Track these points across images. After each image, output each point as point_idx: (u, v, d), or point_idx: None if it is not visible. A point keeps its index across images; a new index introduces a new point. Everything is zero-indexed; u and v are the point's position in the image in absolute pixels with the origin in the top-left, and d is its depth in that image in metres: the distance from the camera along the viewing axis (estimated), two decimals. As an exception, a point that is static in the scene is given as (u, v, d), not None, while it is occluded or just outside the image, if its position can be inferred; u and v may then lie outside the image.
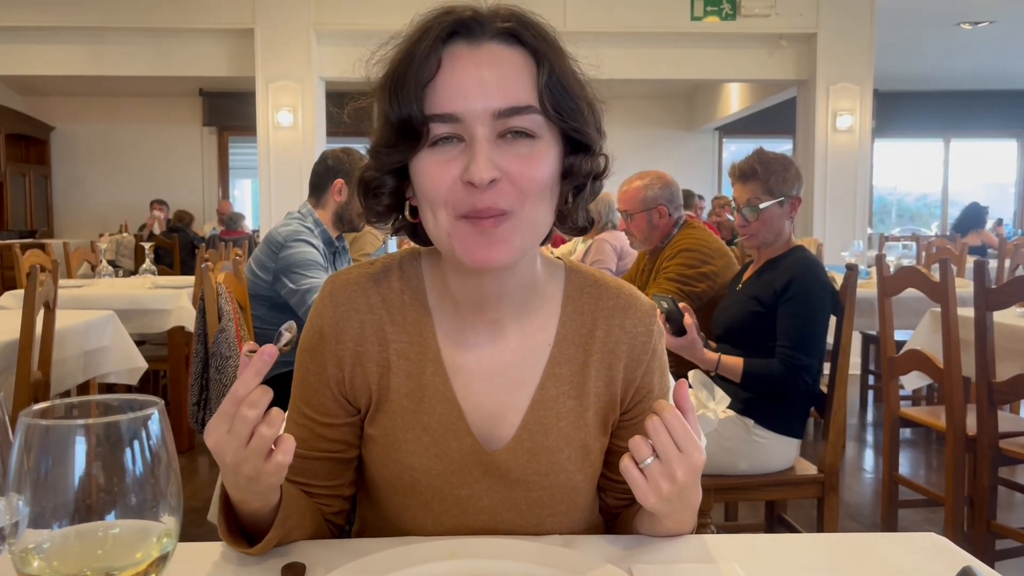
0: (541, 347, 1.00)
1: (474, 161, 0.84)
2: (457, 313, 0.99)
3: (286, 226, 2.96)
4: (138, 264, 7.45)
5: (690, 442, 0.85)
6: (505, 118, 0.85)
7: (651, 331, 1.03)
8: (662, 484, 0.84)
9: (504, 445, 0.98)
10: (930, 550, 0.95)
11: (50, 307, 2.74)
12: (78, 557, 0.56)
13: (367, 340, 0.98)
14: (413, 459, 0.97)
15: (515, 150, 0.86)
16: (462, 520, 0.99)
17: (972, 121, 11.23)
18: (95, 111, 10.75)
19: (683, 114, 11.28)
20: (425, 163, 0.87)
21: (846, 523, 3.35)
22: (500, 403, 0.98)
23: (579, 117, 0.90)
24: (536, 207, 0.88)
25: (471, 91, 0.85)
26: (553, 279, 1.03)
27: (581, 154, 0.91)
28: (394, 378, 0.98)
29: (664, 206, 3.02)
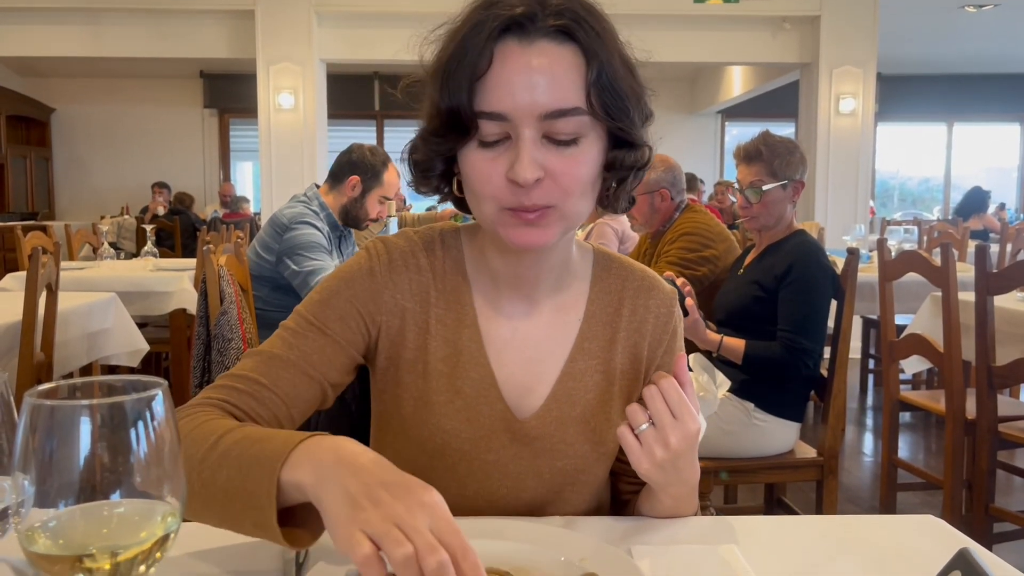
0: (571, 323, 1.04)
1: (519, 162, 0.86)
2: (494, 286, 1.02)
3: (291, 208, 2.96)
4: (140, 246, 7.46)
5: (685, 410, 0.87)
6: (552, 120, 0.86)
7: (672, 313, 1.08)
8: (656, 450, 0.87)
9: (533, 413, 1.01)
10: (928, 532, 0.96)
11: (52, 289, 2.75)
12: (83, 535, 0.56)
13: (414, 298, 1.01)
14: (445, 421, 1.00)
15: (559, 151, 0.88)
16: (486, 485, 1.01)
17: (975, 105, 11.19)
18: (95, 92, 10.72)
19: (685, 97, 11.24)
20: (473, 158, 0.89)
21: (845, 506, 3.36)
22: (531, 374, 1.02)
23: (625, 115, 0.90)
24: (579, 201, 0.91)
25: (520, 91, 0.85)
26: (583, 260, 1.07)
27: (625, 149, 0.93)
28: (432, 342, 1.01)
29: (666, 189, 3.02)
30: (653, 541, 0.92)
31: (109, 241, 5.64)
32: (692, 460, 0.92)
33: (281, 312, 2.91)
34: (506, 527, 0.90)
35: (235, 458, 0.79)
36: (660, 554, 0.87)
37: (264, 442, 0.79)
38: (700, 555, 0.87)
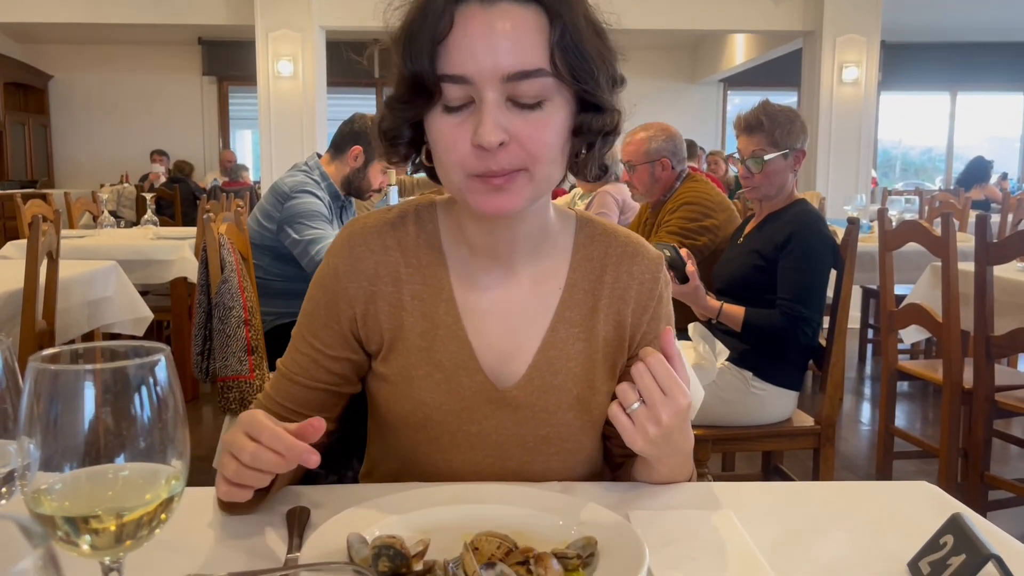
0: (552, 291, 1.03)
1: (482, 125, 0.85)
2: (471, 257, 1.02)
3: (292, 177, 2.96)
4: (140, 215, 7.44)
5: (674, 385, 0.87)
6: (515, 81, 0.85)
7: (657, 278, 1.06)
8: (648, 427, 0.88)
9: (514, 383, 1.01)
10: (922, 498, 0.97)
11: (53, 257, 2.75)
12: (89, 498, 0.57)
13: (381, 280, 1.02)
14: (426, 395, 1.01)
15: (524, 114, 0.87)
16: (471, 456, 1.02)
17: (979, 74, 11.10)
18: (93, 59, 10.64)
19: (687, 65, 11.15)
20: (438, 123, 0.89)
21: (841, 474, 3.39)
22: (511, 343, 1.02)
23: (591, 77, 0.89)
24: (547, 166, 0.90)
25: (481, 53, 0.85)
26: (565, 228, 1.06)
27: (592, 112, 0.91)
28: (407, 318, 1.01)
29: (667, 158, 3.01)
30: (650, 507, 0.93)
31: (109, 209, 5.62)
32: (685, 431, 0.93)
33: (282, 281, 2.91)
34: (504, 492, 0.91)
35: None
36: (657, 519, 0.88)
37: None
38: (697, 520, 0.88)
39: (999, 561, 0.71)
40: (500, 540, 0.76)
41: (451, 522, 0.85)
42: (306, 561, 0.74)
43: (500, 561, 0.73)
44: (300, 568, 0.72)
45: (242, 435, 0.81)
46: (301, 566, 0.73)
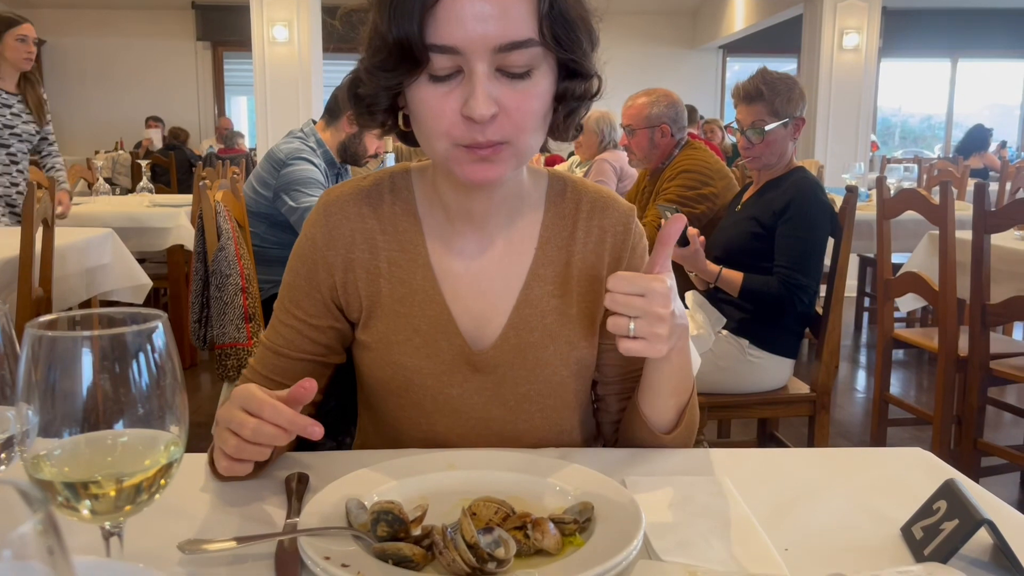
0: (526, 251, 1.04)
1: (474, 98, 0.84)
2: (447, 222, 1.03)
3: (288, 144, 2.94)
4: (135, 182, 7.41)
5: (644, 282, 0.86)
6: (504, 52, 0.84)
7: (629, 229, 1.07)
8: (657, 330, 0.87)
9: (491, 344, 1.02)
10: (916, 464, 0.98)
11: (49, 224, 2.74)
12: (88, 463, 0.57)
13: (358, 248, 1.02)
14: (406, 359, 1.02)
15: (512, 84, 0.86)
16: (454, 418, 1.03)
17: (981, 40, 11.01)
18: (86, 24, 10.52)
19: (686, 31, 11.04)
20: (423, 93, 0.87)
21: (836, 441, 3.42)
22: (487, 305, 1.03)
23: (577, 46, 0.89)
24: (530, 136, 0.90)
25: (471, 23, 0.83)
26: (537, 187, 1.07)
27: (576, 79, 0.91)
28: (385, 284, 1.02)
29: (667, 125, 2.99)
30: (647, 472, 0.94)
31: (104, 177, 5.59)
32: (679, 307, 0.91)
33: (278, 248, 2.91)
34: (502, 458, 0.91)
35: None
36: (653, 485, 0.89)
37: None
38: (692, 486, 0.89)
39: (991, 526, 0.72)
40: (498, 505, 0.77)
41: (449, 488, 0.85)
42: (305, 526, 0.74)
43: (498, 526, 0.74)
44: (299, 533, 0.73)
45: (240, 411, 0.81)
46: (300, 531, 0.73)
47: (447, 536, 0.70)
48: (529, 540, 0.73)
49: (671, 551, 0.75)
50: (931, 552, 0.73)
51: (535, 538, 0.73)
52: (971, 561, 0.74)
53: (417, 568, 0.70)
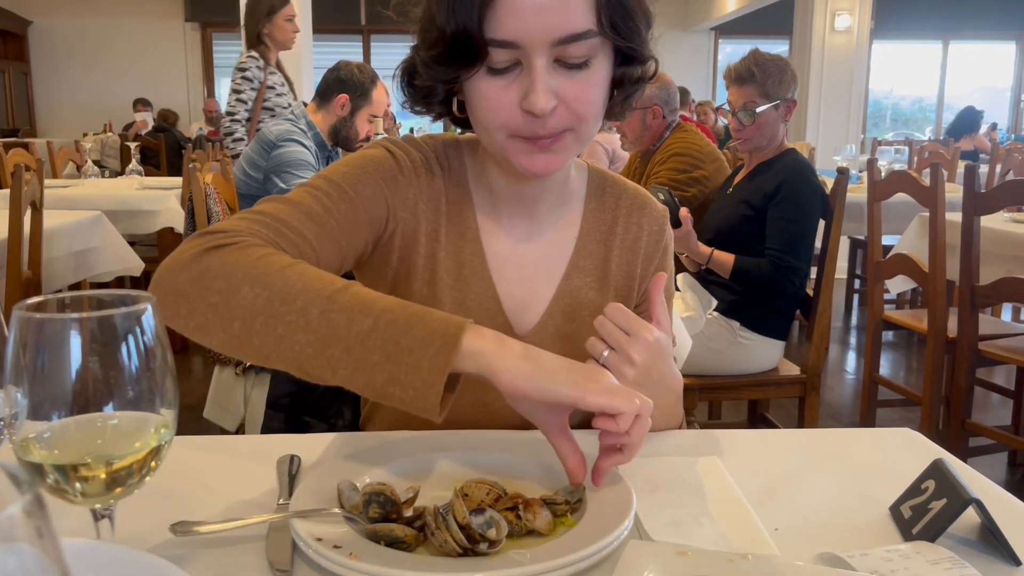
0: (567, 241, 1.05)
1: (534, 92, 0.84)
2: (495, 204, 1.03)
3: (278, 125, 2.92)
4: (124, 164, 7.36)
5: (635, 324, 0.89)
6: (564, 45, 0.84)
7: (663, 231, 1.09)
8: (625, 371, 0.89)
9: (531, 328, 1.03)
10: (904, 444, 0.99)
11: (37, 207, 2.72)
12: (78, 446, 0.57)
13: (429, 204, 1.01)
14: None
15: (571, 74, 0.86)
16: (483, 396, 1.01)
17: (972, 22, 11.01)
18: (73, 4, 10.41)
19: (677, 12, 10.99)
20: (482, 86, 0.87)
21: (826, 422, 3.44)
22: (529, 291, 1.04)
23: (636, 34, 0.89)
24: (593, 123, 0.91)
25: (530, 17, 0.83)
26: (579, 178, 1.08)
27: (634, 64, 0.92)
28: (440, 251, 1.01)
29: (659, 107, 2.99)
30: (639, 453, 0.94)
31: (93, 159, 5.55)
32: (667, 368, 0.93)
33: (269, 231, 2.89)
34: (494, 440, 0.92)
35: (382, 311, 0.75)
36: (644, 466, 0.89)
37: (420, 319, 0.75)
38: (683, 467, 0.90)
39: (979, 505, 0.72)
40: (489, 487, 0.77)
41: (441, 469, 0.85)
42: (297, 508, 0.74)
43: (490, 507, 0.74)
44: (291, 515, 0.73)
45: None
46: (292, 513, 0.73)
47: (439, 517, 0.71)
48: (521, 521, 0.73)
49: (662, 531, 0.75)
50: (919, 531, 0.74)
51: (527, 519, 0.73)
52: (959, 540, 0.74)
53: (409, 549, 0.70)
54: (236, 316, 0.77)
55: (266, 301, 0.76)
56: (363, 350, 0.73)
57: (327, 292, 0.76)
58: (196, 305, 0.79)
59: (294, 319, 0.75)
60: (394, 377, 0.72)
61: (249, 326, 0.76)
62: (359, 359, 0.73)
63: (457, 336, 0.72)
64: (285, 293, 0.76)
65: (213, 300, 0.78)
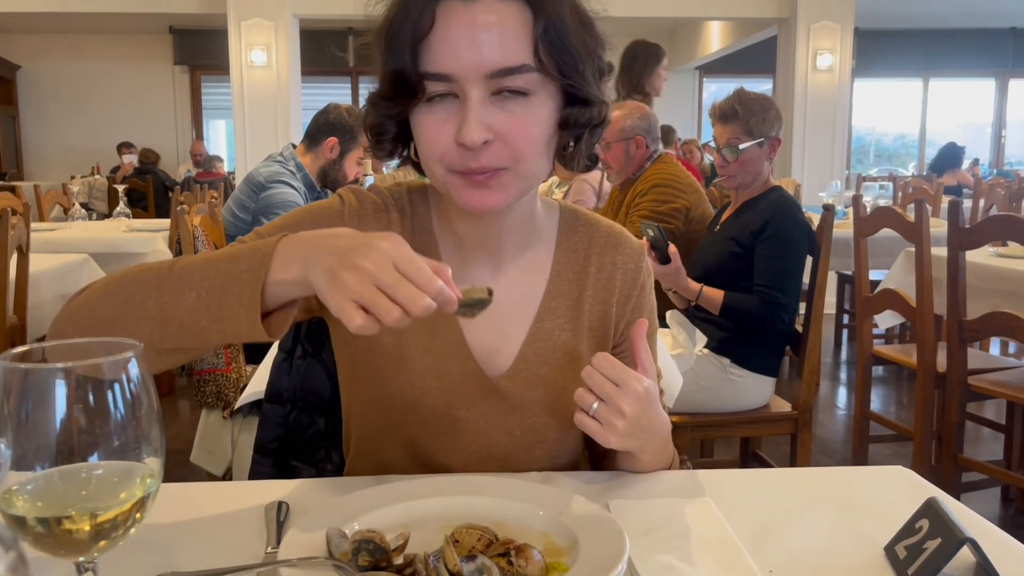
0: (537, 282, 1.03)
1: (466, 124, 0.84)
2: (459, 248, 1.01)
3: (267, 167, 2.93)
4: (112, 207, 7.35)
5: (623, 374, 0.88)
6: (499, 78, 0.84)
7: (640, 268, 1.07)
8: (615, 422, 0.88)
9: (502, 373, 1.01)
10: (898, 483, 0.98)
11: (23, 251, 2.71)
12: (62, 497, 0.56)
13: None
14: (416, 378, 1.00)
15: (509, 109, 0.86)
16: (456, 441, 1.02)
17: (951, 60, 11.20)
18: (62, 49, 10.47)
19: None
20: (421, 120, 0.88)
21: (819, 458, 3.43)
22: (499, 335, 1.02)
23: (576, 71, 0.88)
24: (533, 162, 0.89)
25: (464, 50, 0.83)
26: (549, 217, 1.06)
27: (579, 106, 0.90)
28: None
29: (641, 136, 3.02)
30: (630, 496, 0.93)
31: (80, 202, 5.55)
32: (656, 414, 0.93)
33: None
34: (484, 483, 0.91)
35: (200, 280, 0.82)
36: (637, 508, 0.88)
37: (231, 261, 0.81)
38: (676, 508, 0.89)
39: (974, 544, 0.72)
40: (480, 532, 0.76)
41: (431, 515, 0.84)
42: (285, 557, 0.73)
43: (481, 553, 0.73)
44: (279, 564, 0.72)
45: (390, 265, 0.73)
46: (280, 562, 0.72)
47: (429, 565, 0.70)
48: (513, 567, 0.72)
49: (655, 575, 0.74)
50: (915, 572, 0.73)
51: (519, 565, 0.72)
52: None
53: (399, 598, 0.69)
54: (101, 331, 0.84)
55: (115, 308, 0.84)
56: (193, 320, 0.81)
57: (157, 281, 0.84)
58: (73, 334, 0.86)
59: (138, 314, 0.83)
60: (224, 334, 0.81)
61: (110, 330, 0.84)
62: (194, 331, 0.82)
63: (257, 281, 0.78)
64: (128, 295, 0.84)
65: (82, 326, 0.86)
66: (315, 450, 1.22)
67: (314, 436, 1.21)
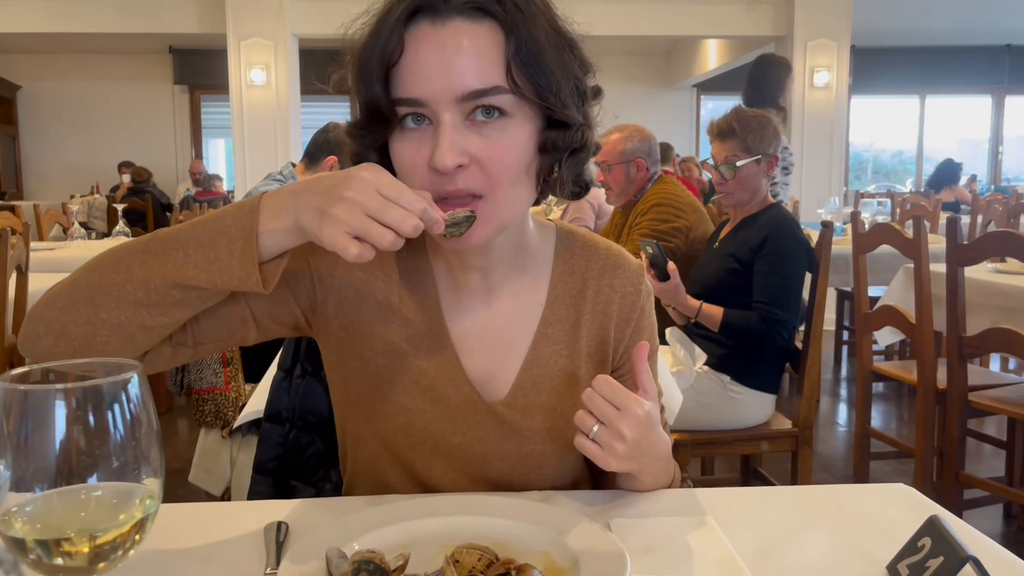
0: (534, 307, 1.01)
1: (438, 148, 0.82)
2: (452, 274, 1.00)
3: (267, 186, 2.94)
4: (111, 226, 7.36)
5: (624, 397, 0.87)
6: (471, 101, 0.83)
7: (639, 290, 1.05)
8: (616, 446, 0.87)
9: (499, 400, 0.99)
10: (899, 500, 0.98)
11: (22, 271, 2.71)
12: (61, 519, 0.56)
13: (376, 273, 0.99)
14: (409, 400, 0.99)
15: (484, 132, 0.84)
16: (450, 465, 1.00)
17: (948, 77, 11.25)
18: (62, 69, 10.51)
19: (661, 71, 11.20)
20: (397, 147, 0.87)
21: (820, 475, 3.41)
22: (494, 361, 1.00)
23: (552, 93, 0.85)
24: (510, 188, 0.87)
25: (434, 75, 0.82)
26: (545, 241, 1.04)
27: (558, 129, 0.88)
28: (394, 319, 0.99)
29: (642, 159, 3.03)
30: (630, 514, 0.93)
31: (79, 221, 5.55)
32: (656, 436, 0.91)
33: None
34: (485, 503, 0.90)
35: (186, 240, 0.82)
36: (638, 527, 0.88)
37: (216, 219, 0.82)
38: (677, 527, 0.88)
39: (976, 563, 0.72)
40: (481, 552, 0.76)
41: (431, 534, 0.84)
42: (285, 577, 0.73)
43: (481, 573, 0.73)
44: (278, 585, 0.71)
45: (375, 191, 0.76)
46: (279, 583, 0.72)
47: (430, 585, 0.69)
48: (513, 587, 0.72)
49: (657, 595, 0.74)
50: (918, 590, 0.73)
51: (519, 585, 0.72)
52: (958, 599, 0.73)
53: (400, 619, 0.69)
54: (81, 303, 0.84)
55: (97, 278, 0.85)
56: (179, 273, 0.81)
57: (140, 247, 0.85)
58: (50, 313, 0.86)
59: (121, 278, 0.83)
60: (214, 284, 0.81)
61: (93, 302, 0.84)
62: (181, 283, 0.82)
63: (251, 232, 0.80)
64: (112, 264, 0.85)
65: (60, 304, 0.86)
66: (314, 469, 1.22)
67: (313, 455, 1.20)
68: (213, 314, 0.93)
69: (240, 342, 0.97)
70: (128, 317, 0.84)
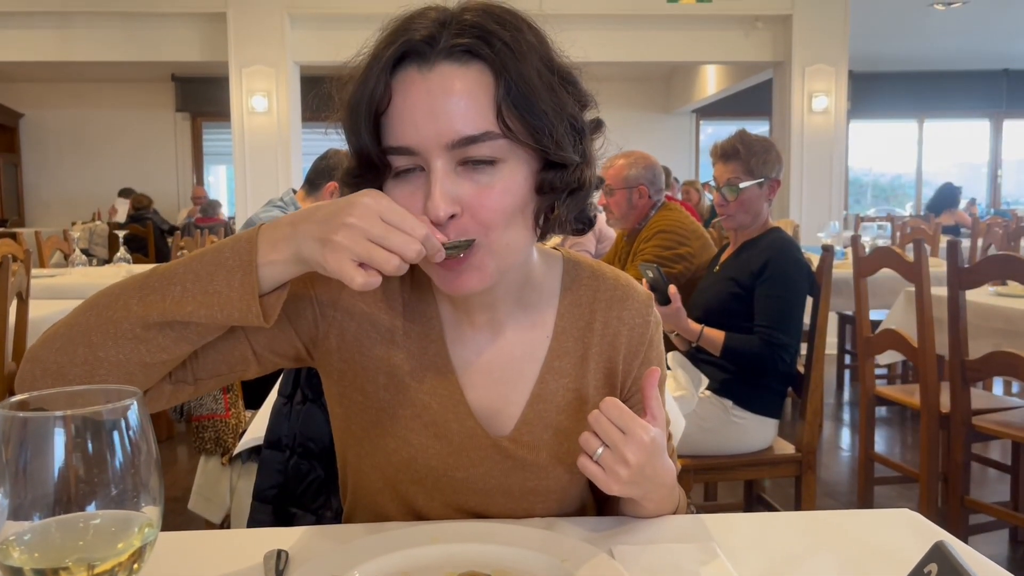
0: (540, 341, 0.99)
1: (430, 198, 0.81)
2: (455, 308, 0.98)
3: (267, 212, 2.94)
4: (112, 253, 7.37)
5: (631, 422, 0.86)
6: (462, 147, 0.81)
7: (648, 321, 1.03)
8: (619, 470, 0.86)
9: (505, 435, 0.98)
10: (904, 526, 0.97)
11: (23, 298, 2.71)
12: (59, 548, 0.56)
13: (380, 304, 0.97)
14: (412, 435, 0.97)
15: (475, 179, 0.83)
16: (453, 499, 0.99)
17: (945, 101, 11.33)
18: (65, 97, 10.59)
19: (660, 96, 11.28)
20: (391, 195, 0.84)
21: (823, 500, 3.39)
22: (499, 396, 0.98)
23: (546, 134, 0.83)
24: (505, 233, 0.85)
25: (422, 121, 0.81)
26: (551, 271, 1.02)
27: (555, 169, 0.86)
28: (398, 351, 0.97)
29: (645, 186, 3.04)
30: (634, 541, 0.92)
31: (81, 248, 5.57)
32: (661, 463, 0.90)
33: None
34: (487, 530, 0.89)
35: (184, 274, 0.82)
36: (641, 554, 0.87)
37: (214, 253, 0.82)
38: (680, 554, 0.87)
39: (985, 589, 0.71)
40: (483, 580, 0.75)
41: (433, 562, 0.83)
42: (285, 607, 0.72)
43: (483, 602, 0.72)
44: (278, 614, 0.71)
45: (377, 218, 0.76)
46: (279, 612, 0.71)
47: (432, 614, 0.68)
48: (516, 616, 0.71)
49: (662, 623, 0.73)
50: (925, 618, 0.72)
51: (522, 613, 0.71)
52: (966, 626, 0.72)
53: (401, 649, 0.68)
54: (78, 343, 0.83)
55: (95, 316, 0.84)
56: (178, 308, 0.81)
57: (137, 284, 0.84)
58: (47, 355, 0.84)
59: (119, 315, 0.82)
60: (214, 319, 0.81)
61: (90, 341, 0.83)
62: (181, 319, 0.81)
63: (250, 264, 0.80)
64: (108, 302, 0.84)
65: (57, 345, 0.84)
66: (315, 497, 1.21)
67: (314, 482, 1.20)
68: (213, 349, 0.91)
69: (241, 376, 0.96)
70: (127, 355, 0.83)
